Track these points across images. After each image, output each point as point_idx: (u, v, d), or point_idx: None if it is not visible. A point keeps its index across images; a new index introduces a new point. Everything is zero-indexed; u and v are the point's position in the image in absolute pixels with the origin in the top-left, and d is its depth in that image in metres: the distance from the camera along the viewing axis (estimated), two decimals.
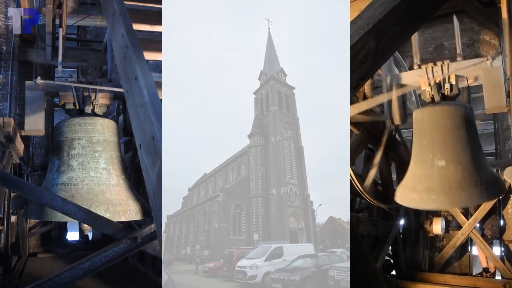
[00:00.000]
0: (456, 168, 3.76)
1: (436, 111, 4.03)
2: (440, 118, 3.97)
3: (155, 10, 3.91)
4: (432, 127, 3.98)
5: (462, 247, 5.77)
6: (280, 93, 38.86)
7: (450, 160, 3.78)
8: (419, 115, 4.19)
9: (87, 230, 4.35)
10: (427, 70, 4.21)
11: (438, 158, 3.80)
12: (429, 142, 3.96)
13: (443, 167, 3.77)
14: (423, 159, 3.97)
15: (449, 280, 5.28)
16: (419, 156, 4.07)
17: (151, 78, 2.31)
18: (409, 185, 4.00)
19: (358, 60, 2.39)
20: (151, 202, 2.16)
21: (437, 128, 3.93)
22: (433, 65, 4.19)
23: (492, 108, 4.19)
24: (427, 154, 3.93)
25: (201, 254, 29.87)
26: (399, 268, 5.74)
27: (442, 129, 3.90)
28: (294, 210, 33.59)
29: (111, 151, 4.51)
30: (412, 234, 6.01)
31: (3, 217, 5.39)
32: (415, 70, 4.36)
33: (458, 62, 4.15)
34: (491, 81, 3.96)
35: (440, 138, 3.89)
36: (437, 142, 3.90)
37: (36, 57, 7.52)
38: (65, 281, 2.86)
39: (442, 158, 3.79)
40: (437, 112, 4.01)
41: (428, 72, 4.20)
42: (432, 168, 3.83)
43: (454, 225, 5.83)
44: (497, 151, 6.90)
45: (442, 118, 3.96)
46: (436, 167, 3.80)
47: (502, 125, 6.39)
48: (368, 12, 2.47)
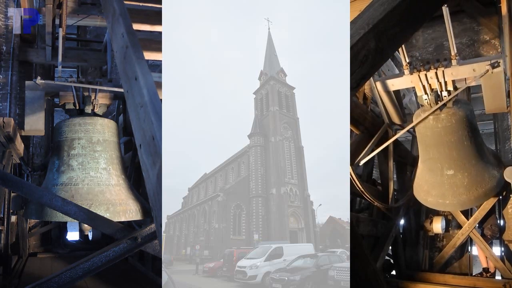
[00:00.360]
0: (463, 175, 4.41)
1: (439, 129, 4.23)
2: (444, 134, 4.25)
3: (155, 10, 3.91)
4: (437, 142, 4.35)
5: (462, 247, 5.76)
6: (280, 93, 38.85)
7: (457, 168, 4.40)
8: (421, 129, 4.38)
9: (87, 230, 4.36)
10: (420, 76, 4.10)
11: (446, 168, 4.45)
12: (435, 155, 4.45)
13: (452, 175, 4.43)
14: (432, 167, 4.57)
15: (449, 280, 5.28)
16: (427, 164, 4.62)
17: (151, 78, 2.31)
18: (424, 188, 4.75)
19: (358, 60, 2.38)
20: (151, 202, 2.16)
21: (442, 143, 4.32)
22: (426, 71, 4.06)
23: (492, 108, 4.18)
24: (435, 164, 4.52)
25: (201, 254, 29.85)
26: (399, 268, 5.74)
27: (447, 144, 4.31)
28: (294, 210, 33.58)
29: (111, 151, 4.51)
30: (412, 234, 6.00)
31: (3, 217, 5.39)
32: (406, 76, 4.25)
33: (454, 67, 3.99)
34: (491, 81, 3.94)
35: (446, 151, 4.36)
36: (444, 155, 4.40)
37: (36, 57, 7.52)
38: (65, 281, 2.86)
39: (450, 168, 4.43)
40: (440, 130, 4.24)
41: (422, 79, 4.11)
42: (442, 176, 4.48)
43: (454, 224, 5.83)
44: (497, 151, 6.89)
45: (445, 134, 4.24)
46: (446, 176, 4.46)
47: (502, 125, 6.38)
48: (368, 12, 2.47)
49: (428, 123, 4.25)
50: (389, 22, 2.43)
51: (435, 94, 4.11)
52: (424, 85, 4.13)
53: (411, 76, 4.19)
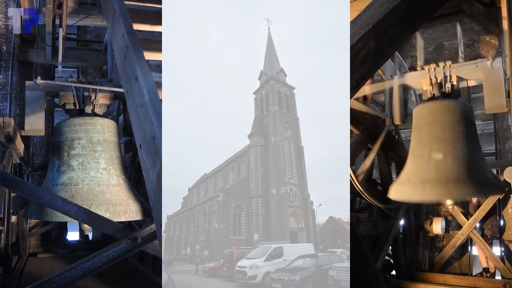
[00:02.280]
0: (454, 162, 3.67)
1: (436, 106, 4.05)
2: (440, 112, 3.96)
3: (155, 10, 3.91)
4: (431, 121, 3.94)
5: (462, 247, 5.76)
6: (280, 93, 38.86)
7: (448, 153, 3.70)
8: (418, 110, 4.24)
9: (87, 230, 4.34)
10: (430, 70, 4.25)
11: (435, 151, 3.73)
12: (427, 136, 3.90)
13: (440, 160, 3.69)
14: (420, 153, 3.89)
15: (449, 280, 5.28)
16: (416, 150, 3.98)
17: (151, 78, 2.31)
18: (404, 179, 3.91)
19: (358, 60, 2.39)
20: (151, 202, 2.16)
21: (436, 122, 3.89)
22: (436, 66, 4.22)
23: (492, 108, 4.19)
24: (424, 148, 3.85)
25: (201, 254, 29.87)
26: (399, 268, 5.74)
27: (441, 123, 3.86)
28: (294, 210, 33.58)
29: (111, 151, 4.51)
30: (412, 234, 6.01)
31: (3, 217, 5.39)
32: (418, 72, 4.39)
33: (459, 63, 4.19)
34: (491, 81, 3.96)
35: (439, 132, 3.84)
36: (436, 136, 3.84)
37: (36, 57, 7.52)
38: (65, 281, 2.86)
39: (439, 151, 3.71)
40: (437, 107, 4.02)
41: (431, 72, 4.24)
42: (429, 161, 3.74)
43: (454, 225, 5.83)
44: (497, 151, 6.90)
45: (441, 112, 3.94)
46: (433, 160, 3.72)
47: (502, 125, 6.39)
48: (368, 12, 2.47)
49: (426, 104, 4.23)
50: (389, 22, 2.43)
51: (439, 84, 4.20)
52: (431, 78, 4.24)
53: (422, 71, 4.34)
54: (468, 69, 4.13)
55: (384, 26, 2.41)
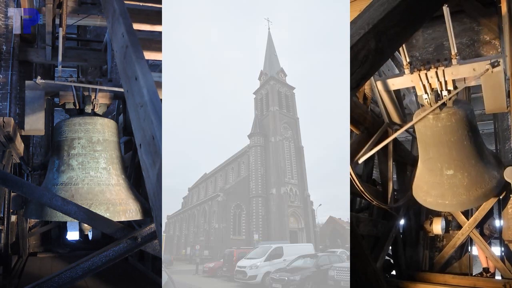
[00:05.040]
0: (463, 175, 4.36)
1: (439, 128, 4.19)
2: (443, 133, 4.21)
3: (155, 10, 3.91)
4: (436, 142, 4.31)
5: (462, 247, 5.76)
6: (280, 93, 38.84)
7: (457, 168, 4.36)
8: (421, 128, 4.35)
9: (87, 230, 4.35)
10: (421, 76, 4.07)
11: (446, 168, 4.40)
12: (435, 155, 4.40)
13: (452, 175, 4.39)
14: (432, 167, 4.52)
15: (449, 280, 5.28)
16: (427, 164, 4.58)
17: (151, 78, 2.31)
18: (423, 188, 4.70)
19: (358, 60, 2.39)
20: (151, 202, 2.16)
21: (441, 143, 4.28)
22: (427, 70, 4.03)
23: (492, 108, 4.18)
24: (435, 164, 4.47)
25: (201, 254, 29.84)
26: (399, 268, 5.74)
27: (447, 144, 4.26)
28: (294, 210, 33.56)
29: (111, 151, 4.51)
30: (412, 234, 6.01)
31: (3, 217, 5.39)
32: (407, 75, 4.23)
33: (454, 66, 3.96)
34: (491, 81, 3.94)
35: (446, 151, 4.31)
36: (443, 155, 4.34)
37: (36, 57, 7.51)
38: (65, 281, 2.86)
39: (450, 168, 4.37)
40: (440, 129, 4.20)
41: (422, 78, 4.08)
42: (441, 176, 4.43)
43: (454, 225, 5.83)
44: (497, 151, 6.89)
45: (445, 133, 4.20)
46: (445, 176, 4.41)
47: (502, 125, 6.38)
48: (368, 12, 2.47)
49: (428, 122, 4.23)
50: (389, 22, 2.43)
51: (435, 93, 4.10)
52: (424, 84, 4.11)
53: (412, 75, 4.16)
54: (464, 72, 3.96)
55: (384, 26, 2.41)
